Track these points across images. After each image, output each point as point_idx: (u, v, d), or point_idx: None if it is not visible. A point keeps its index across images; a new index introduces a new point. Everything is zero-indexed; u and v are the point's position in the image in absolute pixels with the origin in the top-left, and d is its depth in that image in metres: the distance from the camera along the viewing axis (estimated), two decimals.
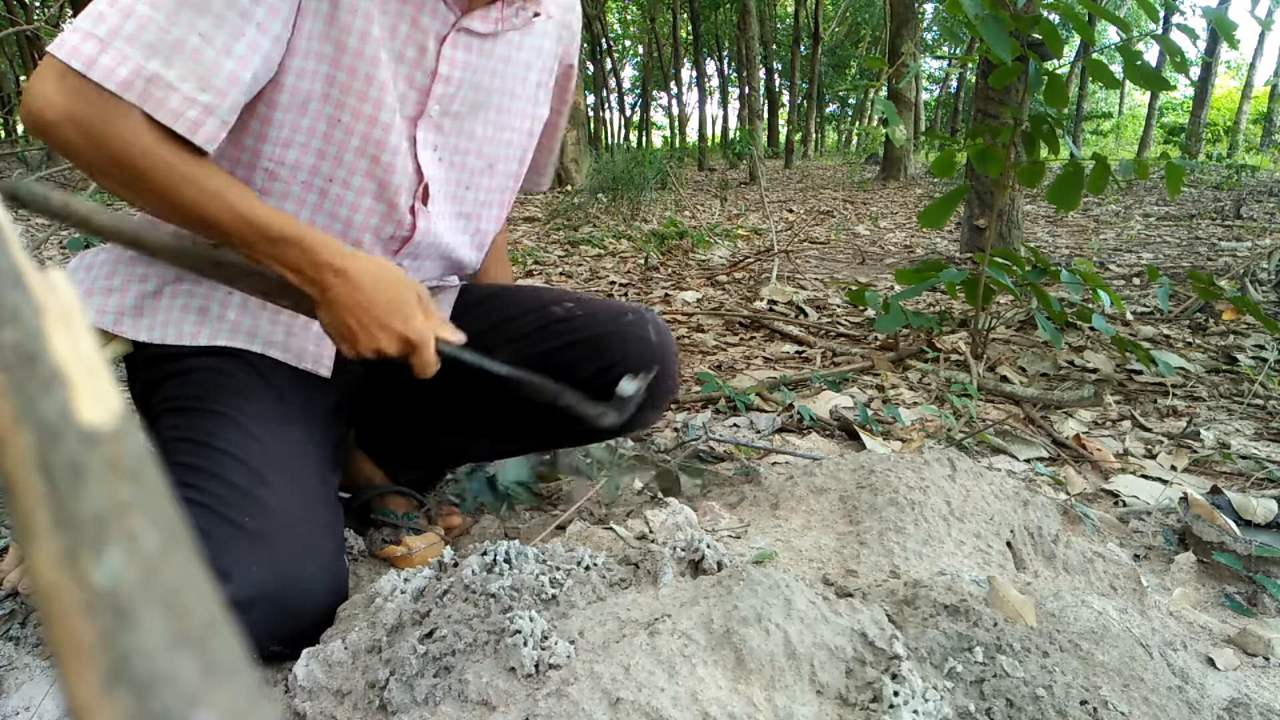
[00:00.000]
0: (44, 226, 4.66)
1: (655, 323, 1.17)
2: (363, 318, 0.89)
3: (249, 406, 0.98)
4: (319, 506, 0.96)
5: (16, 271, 0.20)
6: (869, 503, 1.09)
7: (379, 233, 1.05)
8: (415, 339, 0.91)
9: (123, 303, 1.02)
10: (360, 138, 0.98)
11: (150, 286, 1.02)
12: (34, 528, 0.17)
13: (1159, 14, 2.09)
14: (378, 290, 0.89)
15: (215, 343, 1.01)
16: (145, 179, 0.85)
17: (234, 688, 0.16)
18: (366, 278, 0.89)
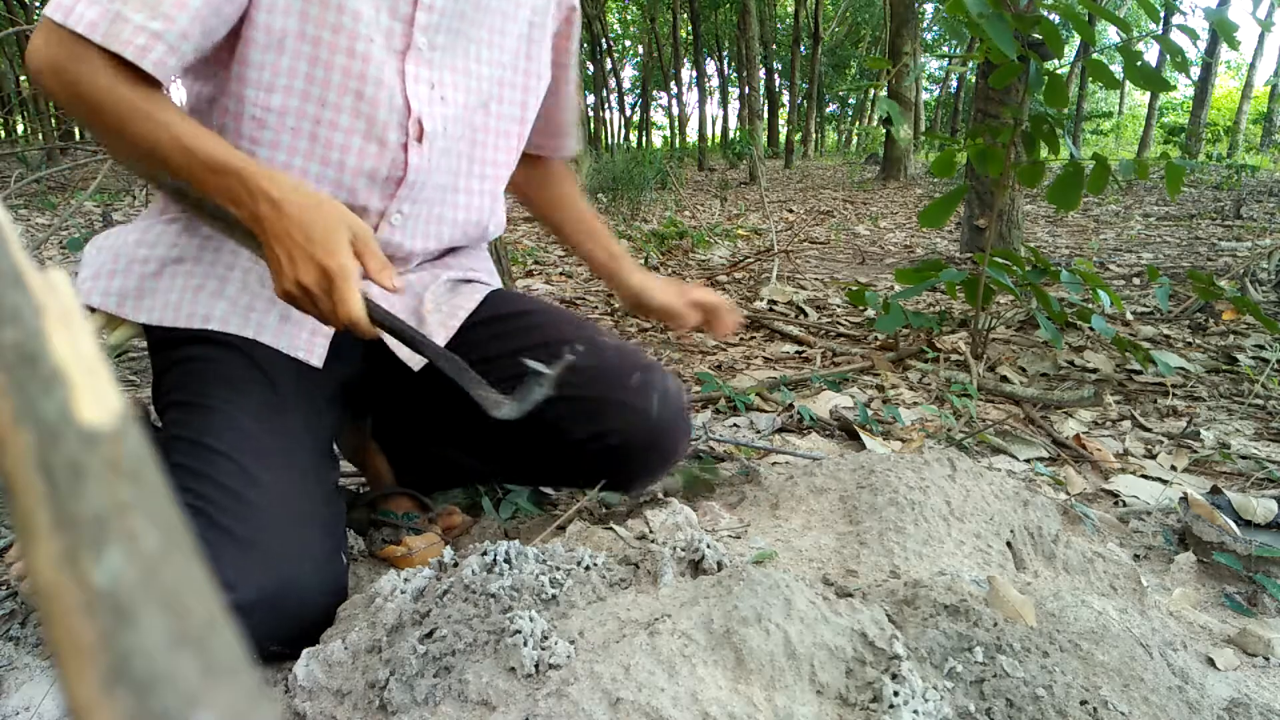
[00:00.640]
0: (44, 227, 4.66)
1: (663, 390, 1.11)
2: (289, 245, 0.85)
3: (244, 400, 0.97)
4: (313, 504, 0.96)
5: (16, 271, 0.20)
6: (869, 503, 1.09)
7: (374, 175, 1.02)
8: (333, 268, 0.84)
9: (125, 285, 1.03)
10: (341, 72, 0.97)
11: (150, 269, 1.03)
12: (34, 528, 0.17)
13: (1159, 14, 2.09)
14: (307, 219, 0.85)
15: (209, 326, 1.01)
16: (105, 116, 0.86)
17: (234, 688, 0.16)
18: (298, 208, 0.86)
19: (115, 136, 0.88)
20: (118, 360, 2.23)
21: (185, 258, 1.03)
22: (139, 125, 0.86)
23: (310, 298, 0.86)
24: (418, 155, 1.03)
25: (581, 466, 1.15)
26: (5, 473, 0.18)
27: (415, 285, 1.14)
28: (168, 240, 1.04)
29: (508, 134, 1.16)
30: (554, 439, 1.12)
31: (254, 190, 0.86)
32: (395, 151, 1.02)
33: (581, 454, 1.13)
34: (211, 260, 1.03)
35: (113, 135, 0.88)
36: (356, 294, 0.86)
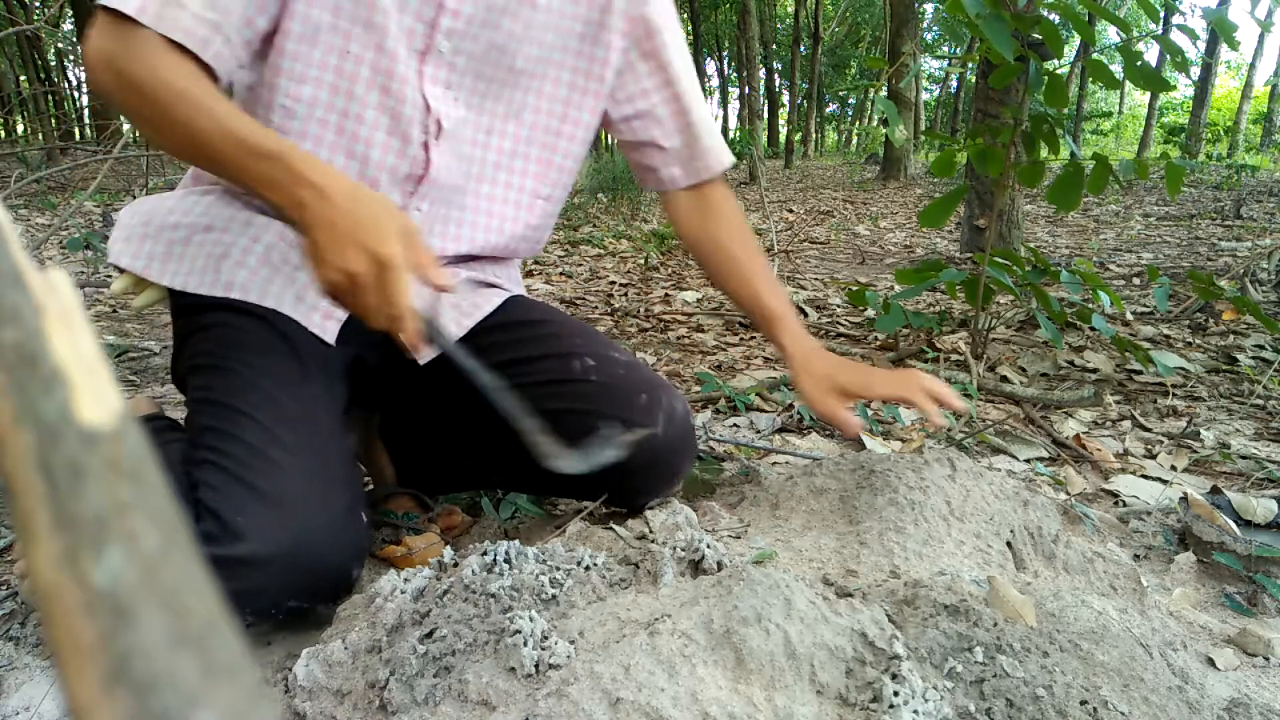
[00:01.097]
0: (44, 227, 4.66)
1: (670, 410, 1.09)
2: (332, 232, 0.82)
3: (267, 364, 0.99)
4: (333, 464, 0.97)
5: (16, 271, 0.20)
6: (869, 503, 1.09)
7: (395, 171, 1.03)
8: (387, 255, 0.81)
9: (154, 249, 1.04)
10: (369, 68, 0.97)
11: (180, 234, 1.04)
12: (34, 528, 0.17)
13: (1159, 14, 2.09)
14: (353, 206, 0.83)
15: (231, 294, 1.02)
16: (151, 103, 0.86)
17: (234, 688, 0.16)
18: (344, 195, 0.83)
19: (161, 124, 0.87)
20: (118, 360, 2.23)
21: (214, 226, 1.04)
22: (183, 110, 0.85)
23: (357, 287, 0.83)
24: (439, 155, 1.04)
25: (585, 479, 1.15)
26: (5, 473, 0.18)
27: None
28: (200, 209, 1.05)
29: (543, 148, 1.13)
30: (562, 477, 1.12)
31: (297, 175, 0.83)
32: (417, 149, 1.03)
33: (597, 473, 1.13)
34: (239, 231, 1.04)
35: (159, 123, 0.87)
36: (407, 284, 0.83)
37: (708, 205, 1.22)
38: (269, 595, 0.89)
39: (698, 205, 1.23)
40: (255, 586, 0.87)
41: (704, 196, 1.22)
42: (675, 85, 1.16)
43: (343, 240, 0.82)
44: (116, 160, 3.06)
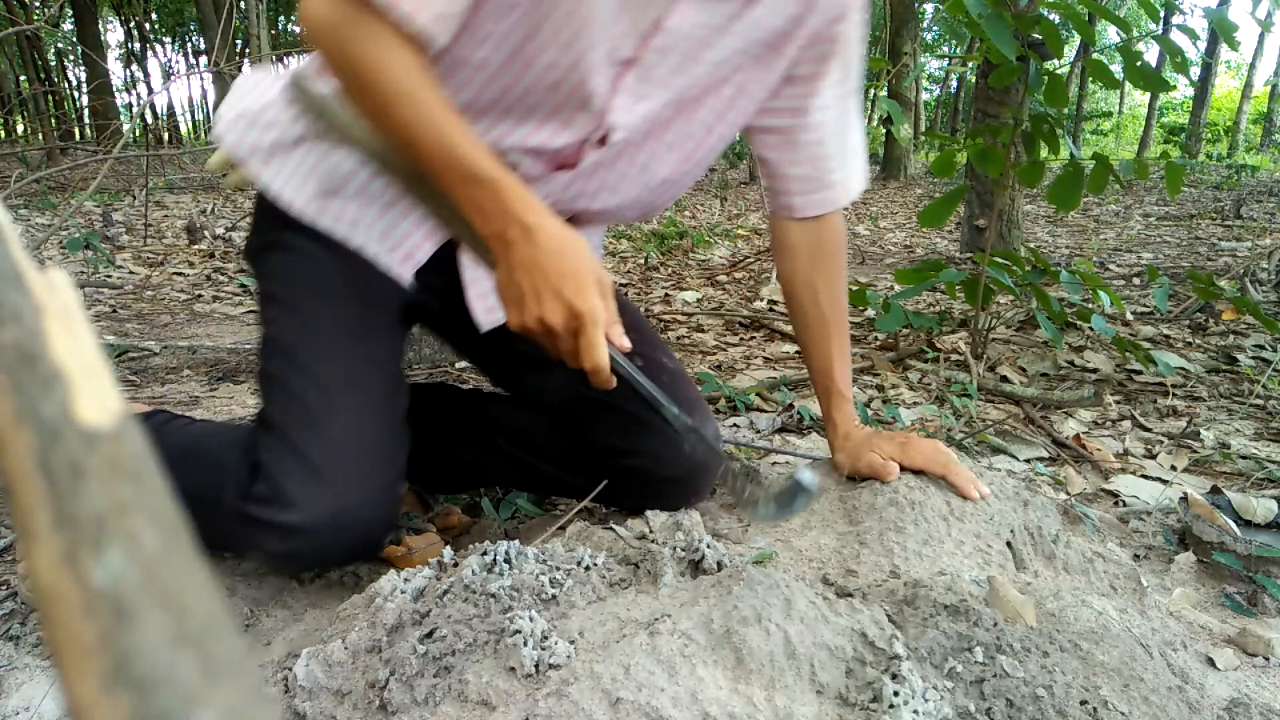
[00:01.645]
0: (44, 227, 4.66)
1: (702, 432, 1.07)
2: (537, 279, 0.83)
3: (337, 314, 1.01)
4: (381, 439, 0.99)
5: (16, 271, 0.20)
6: (869, 502, 1.09)
7: (540, 153, 0.99)
8: (585, 312, 0.83)
9: (260, 140, 1.04)
10: (554, 52, 0.92)
11: (290, 135, 1.03)
12: (34, 528, 0.17)
13: (1159, 14, 2.09)
14: (559, 255, 0.83)
15: (319, 221, 1.02)
16: (371, 92, 0.85)
17: (234, 688, 0.16)
18: (551, 240, 0.83)
19: (375, 115, 0.87)
20: (118, 360, 2.23)
21: (328, 138, 1.02)
22: (403, 112, 0.84)
23: (552, 336, 0.85)
24: (594, 156, 1.00)
25: (598, 477, 1.14)
26: (5, 473, 0.18)
27: None
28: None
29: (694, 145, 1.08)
30: (581, 439, 1.11)
31: (508, 210, 0.83)
32: (573, 145, 0.99)
33: (602, 464, 1.13)
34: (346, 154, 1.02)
35: (373, 113, 0.87)
36: (604, 341, 0.84)
37: (819, 242, 1.18)
38: (306, 559, 0.96)
39: (808, 239, 1.17)
40: (295, 550, 0.92)
41: (817, 230, 1.17)
42: (820, 113, 1.10)
43: (543, 289, 0.83)
44: (116, 160, 3.06)
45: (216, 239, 4.66)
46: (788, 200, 1.16)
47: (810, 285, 1.18)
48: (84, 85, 14.84)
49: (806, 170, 1.13)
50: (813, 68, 1.07)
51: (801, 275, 1.18)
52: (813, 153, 1.12)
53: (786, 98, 1.09)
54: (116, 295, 3.19)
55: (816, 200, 1.15)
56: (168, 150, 10.46)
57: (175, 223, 5.17)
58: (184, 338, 2.56)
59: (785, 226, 1.18)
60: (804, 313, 1.19)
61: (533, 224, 0.84)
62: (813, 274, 1.18)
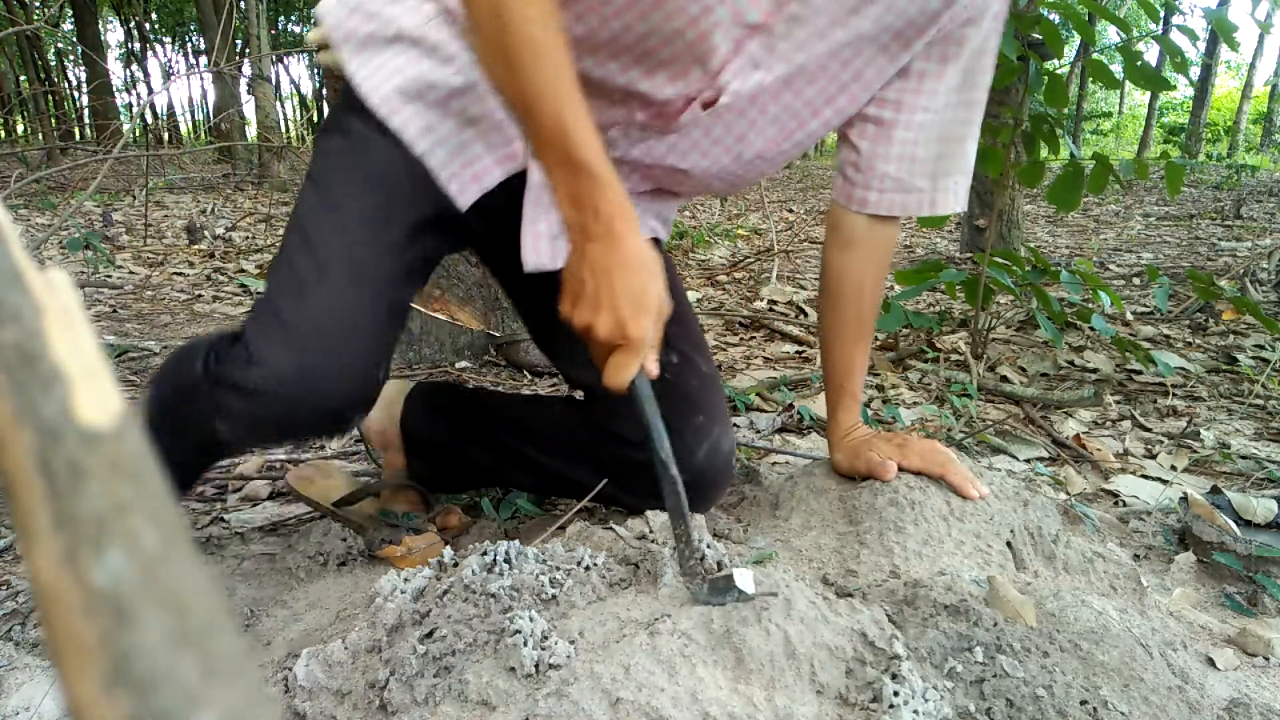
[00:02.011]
0: (44, 227, 4.66)
1: (715, 442, 1.07)
2: (603, 286, 0.82)
3: (362, 199, 1.00)
4: (369, 312, 0.97)
5: (16, 271, 0.20)
6: (869, 502, 1.09)
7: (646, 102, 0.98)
8: (633, 337, 0.83)
9: (358, 29, 1.03)
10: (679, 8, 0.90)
11: (387, 32, 1.02)
12: (34, 528, 0.17)
13: (1159, 14, 2.09)
14: (633, 272, 0.83)
15: (391, 120, 1.01)
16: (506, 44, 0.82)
17: (234, 688, 0.16)
18: (632, 255, 0.83)
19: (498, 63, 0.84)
20: (118, 360, 2.23)
21: (423, 43, 1.01)
22: (529, 68, 0.81)
23: (592, 339, 0.85)
24: (696, 115, 0.99)
25: (606, 471, 1.14)
26: (5, 473, 0.18)
27: None
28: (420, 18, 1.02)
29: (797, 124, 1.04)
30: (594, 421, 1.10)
31: (600, 209, 0.82)
32: (679, 101, 0.98)
33: (610, 455, 1.12)
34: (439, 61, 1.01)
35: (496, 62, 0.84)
36: (635, 369, 0.84)
37: (878, 244, 1.16)
38: (266, 424, 0.94)
39: (870, 238, 1.15)
40: (256, 412, 0.91)
41: (881, 231, 1.15)
42: (925, 114, 1.06)
43: (603, 300, 0.83)
44: (116, 160, 3.06)
45: (216, 239, 4.66)
46: (864, 194, 1.12)
47: (858, 285, 1.16)
48: (84, 85, 14.84)
49: (893, 169, 1.09)
50: (929, 66, 1.04)
51: (853, 273, 1.16)
52: (905, 152, 1.08)
53: (894, 90, 1.05)
54: (116, 295, 3.19)
55: (893, 202, 1.11)
56: (168, 150, 10.46)
57: (175, 223, 5.18)
58: (184, 338, 2.56)
59: (851, 220, 1.15)
60: (842, 310, 1.18)
61: (620, 233, 0.83)
62: (864, 274, 1.16)
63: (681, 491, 0.86)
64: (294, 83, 26.23)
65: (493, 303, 2.23)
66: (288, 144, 10.72)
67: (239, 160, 9.26)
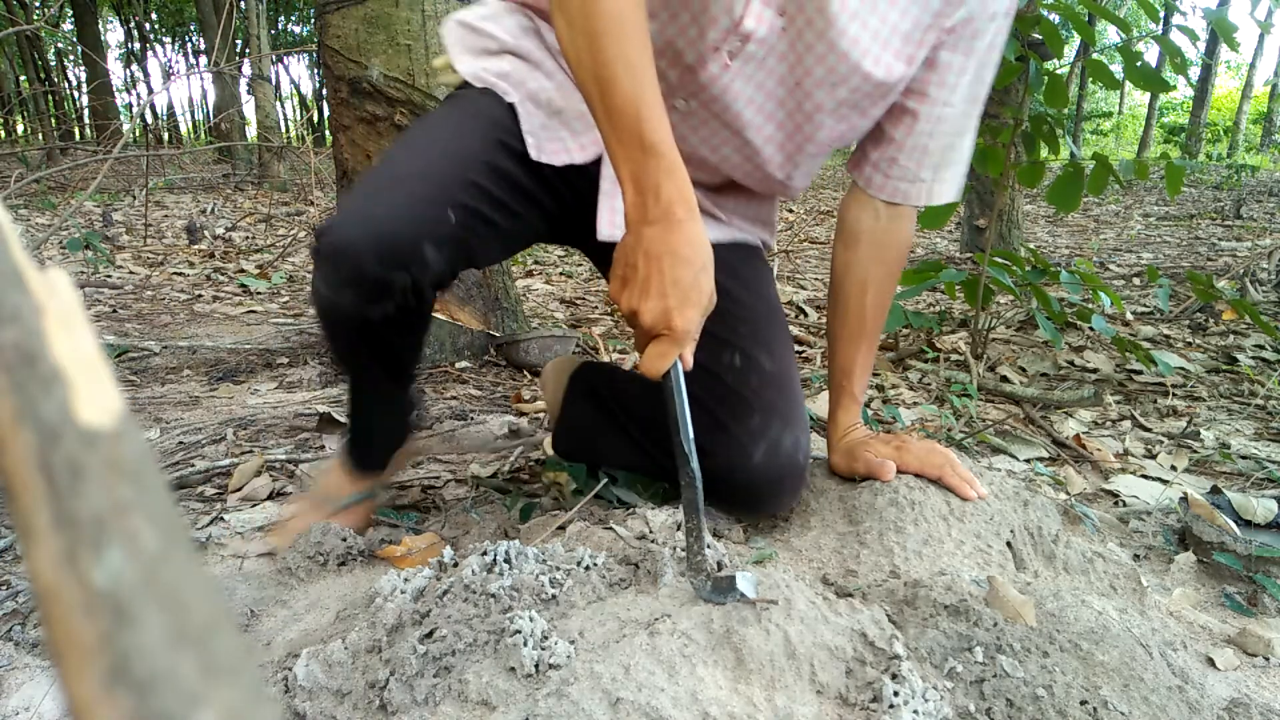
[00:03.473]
0: (44, 227, 4.66)
1: (774, 442, 1.05)
2: (652, 271, 0.83)
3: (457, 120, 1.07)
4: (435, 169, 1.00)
5: (16, 271, 0.20)
6: (869, 503, 1.09)
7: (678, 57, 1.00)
8: (678, 328, 0.83)
9: (471, 46, 1.14)
10: None
11: (494, 46, 1.13)
12: (34, 528, 0.17)
13: (1159, 14, 2.09)
14: (685, 261, 0.83)
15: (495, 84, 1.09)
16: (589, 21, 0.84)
17: (234, 688, 0.16)
18: (687, 243, 0.83)
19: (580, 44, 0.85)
20: (118, 360, 2.23)
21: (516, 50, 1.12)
22: (611, 49, 0.83)
23: (636, 325, 0.86)
24: (724, 67, 0.99)
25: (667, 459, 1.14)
26: (5, 473, 0.18)
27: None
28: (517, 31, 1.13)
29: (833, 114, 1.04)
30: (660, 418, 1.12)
31: (662, 192, 0.83)
32: (707, 50, 0.99)
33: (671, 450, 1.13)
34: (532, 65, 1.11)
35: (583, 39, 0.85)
36: (674, 357, 0.85)
37: (885, 239, 1.17)
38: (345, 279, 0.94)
39: (877, 232, 1.17)
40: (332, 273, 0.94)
41: (889, 226, 1.17)
42: (944, 108, 1.08)
43: (653, 285, 0.83)
44: (116, 160, 3.06)
45: (216, 239, 4.66)
46: (873, 174, 1.14)
47: (863, 281, 1.17)
48: (84, 85, 14.84)
49: (904, 158, 1.11)
50: (955, 58, 1.05)
51: (859, 269, 1.18)
52: (919, 144, 1.10)
53: (919, 81, 1.07)
54: (116, 295, 3.19)
55: (898, 189, 1.13)
56: (168, 150, 10.46)
57: (175, 223, 5.18)
58: (184, 338, 2.56)
59: (856, 211, 1.17)
60: (847, 307, 1.19)
61: (679, 218, 0.83)
62: (870, 271, 1.17)
63: (699, 486, 0.86)
64: (294, 83, 26.24)
65: (492, 303, 2.23)
66: (288, 144, 10.72)
67: (239, 160, 9.26)
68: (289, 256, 4.18)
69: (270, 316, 2.93)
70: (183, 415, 1.81)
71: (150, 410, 1.83)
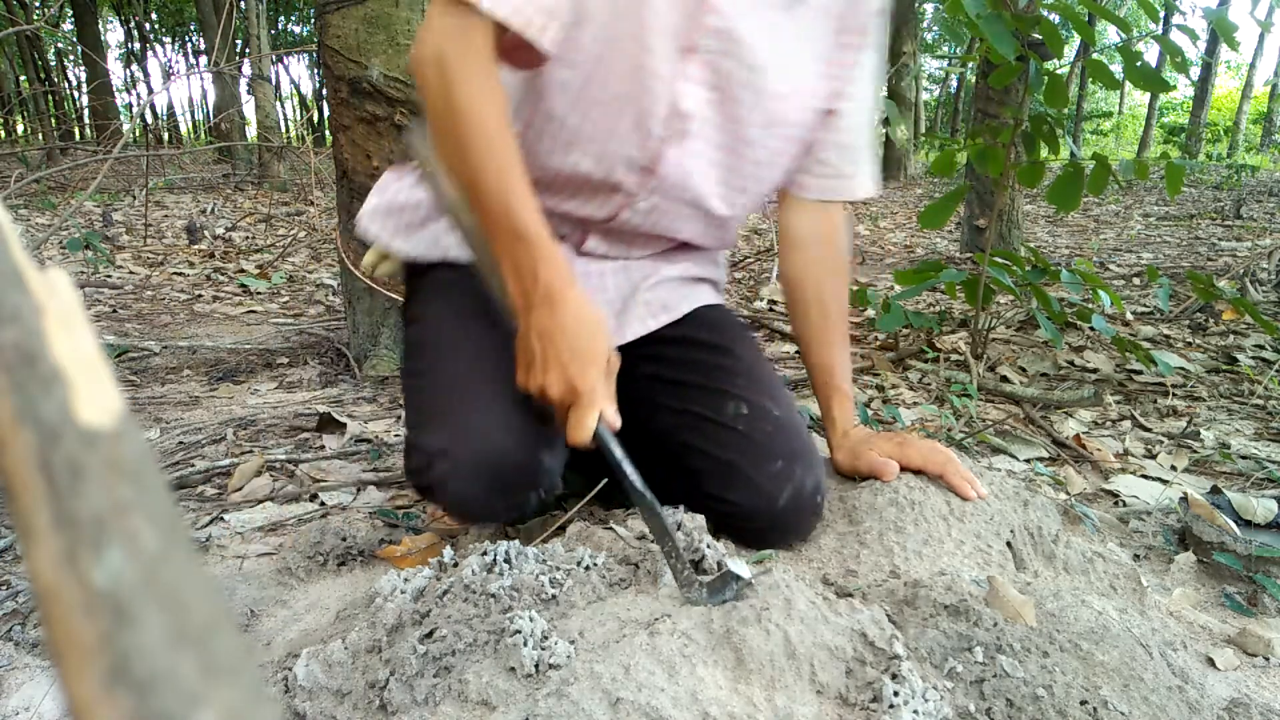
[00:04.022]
0: (44, 227, 4.66)
1: (799, 484, 1.06)
2: (548, 348, 0.88)
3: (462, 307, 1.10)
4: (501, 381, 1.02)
5: (16, 271, 0.20)
6: (869, 502, 1.09)
7: (631, 162, 1.04)
8: (583, 390, 0.88)
9: (401, 222, 1.17)
10: (629, 59, 0.98)
11: (423, 214, 1.17)
12: (34, 528, 0.17)
13: (1159, 14, 2.09)
14: (575, 331, 0.88)
15: (446, 256, 1.14)
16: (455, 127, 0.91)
17: (234, 688, 0.16)
18: (571, 315, 0.88)
19: (453, 149, 0.93)
20: (118, 360, 2.23)
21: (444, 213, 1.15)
22: (480, 153, 0.90)
23: (547, 402, 0.91)
24: (676, 151, 1.04)
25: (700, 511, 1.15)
26: (5, 473, 0.18)
27: (635, 272, 1.17)
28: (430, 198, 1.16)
29: (778, 153, 1.11)
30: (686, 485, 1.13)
31: (539, 275, 0.89)
32: (656, 145, 1.03)
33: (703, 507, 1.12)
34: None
35: (451, 147, 0.93)
36: (594, 422, 0.89)
37: (824, 236, 1.20)
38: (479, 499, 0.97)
39: (815, 232, 1.20)
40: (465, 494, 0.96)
41: (824, 223, 1.20)
42: (851, 102, 1.13)
43: (551, 361, 0.88)
44: (116, 160, 3.06)
45: (216, 239, 4.66)
46: (802, 179, 1.18)
47: (814, 280, 1.20)
48: (84, 85, 14.84)
49: (830, 156, 1.15)
50: (862, 56, 1.11)
51: (806, 270, 1.20)
52: (844, 140, 1.15)
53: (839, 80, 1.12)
54: (116, 295, 3.19)
55: (828, 187, 1.17)
56: (168, 150, 10.46)
57: (175, 223, 5.18)
58: (184, 338, 2.56)
59: (792, 217, 1.20)
60: (806, 308, 1.20)
61: (559, 294, 0.88)
62: (817, 268, 1.20)
63: (661, 513, 0.88)
64: (294, 83, 26.24)
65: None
66: (288, 144, 10.72)
67: (239, 160, 9.26)
68: (289, 256, 4.18)
69: (270, 316, 2.93)
70: (183, 415, 1.81)
71: (150, 410, 1.83)
